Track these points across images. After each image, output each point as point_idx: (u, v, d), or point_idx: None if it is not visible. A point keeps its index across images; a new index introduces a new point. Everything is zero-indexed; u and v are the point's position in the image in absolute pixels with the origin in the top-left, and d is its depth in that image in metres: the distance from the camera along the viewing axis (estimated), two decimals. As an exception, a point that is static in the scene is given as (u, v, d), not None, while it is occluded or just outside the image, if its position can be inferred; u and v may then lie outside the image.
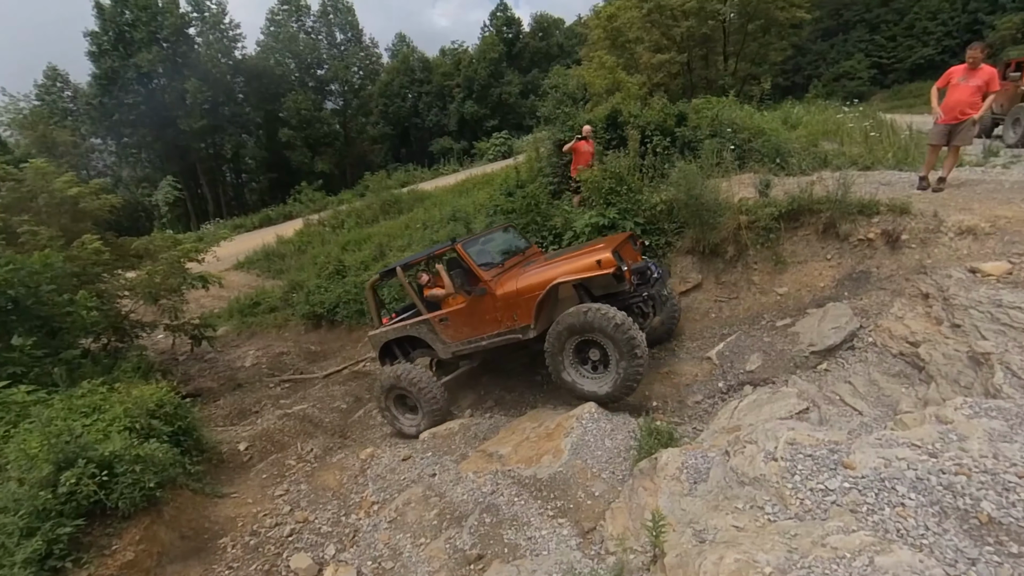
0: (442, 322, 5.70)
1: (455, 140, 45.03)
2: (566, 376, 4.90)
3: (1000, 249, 4.61)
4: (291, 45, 47.95)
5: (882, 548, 1.84)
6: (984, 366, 3.45)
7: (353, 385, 9.89)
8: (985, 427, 2.40)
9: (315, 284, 14.27)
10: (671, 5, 18.46)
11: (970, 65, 5.56)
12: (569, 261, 5.01)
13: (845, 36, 38.54)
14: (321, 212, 25.72)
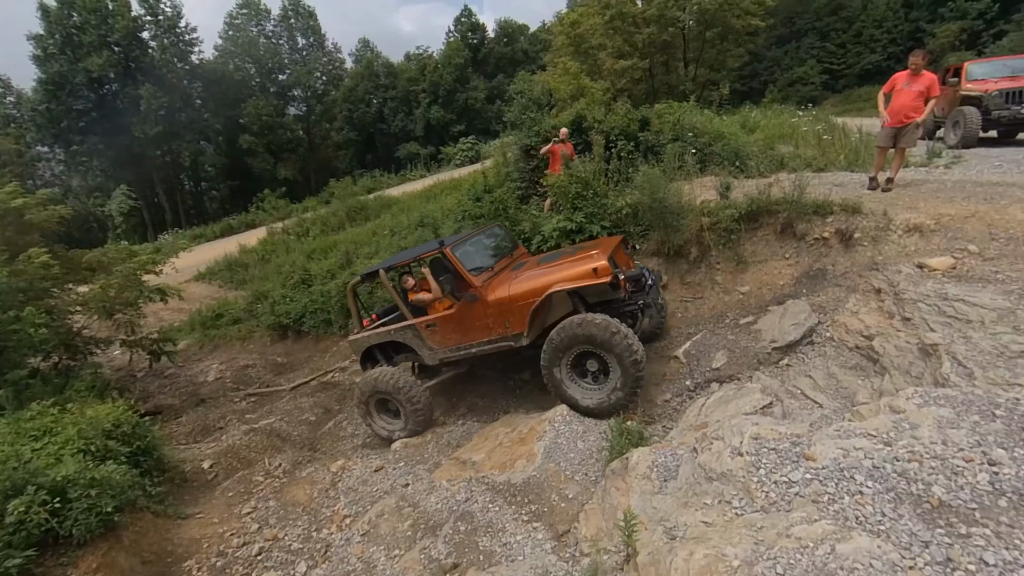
0: (429, 328, 5.49)
1: (422, 145, 44.82)
2: (563, 388, 4.72)
3: (944, 245, 4.86)
4: (251, 50, 46.89)
5: (842, 536, 1.91)
6: (933, 357, 3.63)
7: (322, 396, 9.69)
8: (934, 415, 2.52)
9: (280, 294, 13.96)
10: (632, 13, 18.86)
11: (912, 71, 5.87)
12: (564, 267, 4.85)
13: (798, 43, 40.07)
14: (285, 220, 25.23)
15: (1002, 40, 25.28)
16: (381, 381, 5.71)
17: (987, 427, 2.39)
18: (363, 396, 5.99)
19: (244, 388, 11.01)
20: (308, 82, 49.22)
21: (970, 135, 9.61)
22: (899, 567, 1.77)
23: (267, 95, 46.94)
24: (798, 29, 40.09)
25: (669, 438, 3.44)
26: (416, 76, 48.21)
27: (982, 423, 2.42)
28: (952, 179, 6.88)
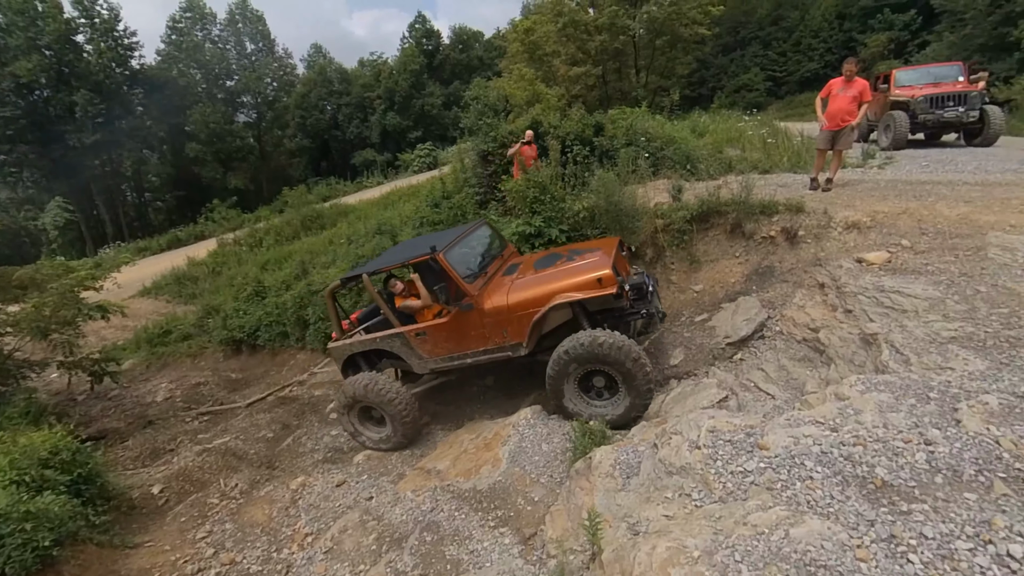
0: (419, 336, 5.14)
1: (378, 152, 44.23)
2: (569, 405, 4.51)
3: (880, 240, 5.15)
4: (196, 55, 45.14)
5: (795, 520, 1.99)
6: (873, 345, 3.83)
7: (280, 412, 9.39)
8: (876, 400, 2.66)
9: (233, 307, 13.47)
10: (584, 21, 19.24)
11: (846, 78, 6.22)
12: (565, 275, 4.64)
13: (742, 52, 41.83)
14: (236, 230, 24.42)
15: (925, 50, 27.14)
16: (364, 389, 5.33)
17: (923, 409, 2.54)
18: (345, 405, 5.64)
19: (196, 407, 10.56)
20: (258, 88, 47.74)
21: (900, 137, 10.26)
22: (848, 546, 1.86)
23: (214, 102, 45.27)
24: (742, 38, 41.86)
25: (630, 435, 3.49)
26: (371, 82, 47.61)
27: (918, 406, 2.57)
28: (885, 179, 7.32)
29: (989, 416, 2.38)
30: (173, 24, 46.20)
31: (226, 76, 47.69)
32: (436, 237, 5.65)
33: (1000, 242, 4.53)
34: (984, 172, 7.47)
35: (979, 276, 4.19)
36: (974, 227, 4.95)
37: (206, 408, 10.49)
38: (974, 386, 2.73)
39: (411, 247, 5.62)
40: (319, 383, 9.96)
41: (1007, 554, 1.74)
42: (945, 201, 5.68)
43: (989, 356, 3.17)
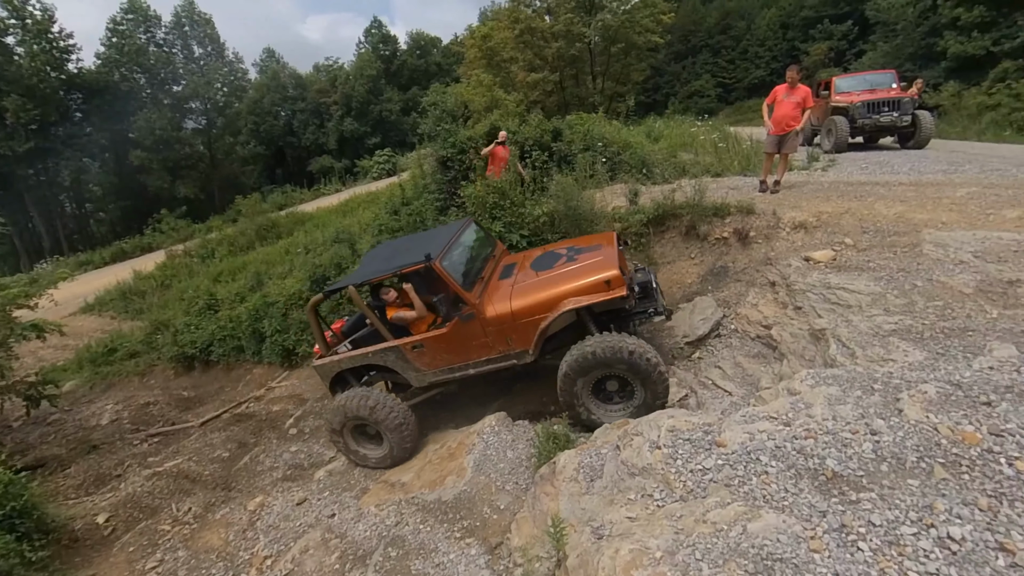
0: (416, 349, 4.82)
1: (336, 159, 43.37)
2: (585, 414, 4.35)
3: (825, 239, 5.39)
4: (139, 58, 43.07)
5: (752, 515, 2.03)
6: (821, 340, 3.98)
7: (236, 430, 9.04)
8: (825, 394, 2.76)
9: (183, 322, 12.94)
10: (540, 28, 19.46)
11: (790, 84, 6.50)
12: (570, 277, 4.46)
13: (694, 59, 43.25)
14: (187, 241, 23.55)
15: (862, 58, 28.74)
16: (358, 406, 4.98)
17: (868, 400, 2.65)
18: (337, 424, 5.24)
19: (145, 428, 10.06)
20: (207, 93, 45.94)
21: (841, 141, 10.80)
22: (802, 538, 1.91)
23: (160, 107, 43.27)
24: (693, 46, 43.27)
25: (594, 438, 3.51)
26: (326, 88, 46.71)
27: (864, 397, 2.68)
28: (828, 180, 7.67)
29: (928, 404, 2.49)
30: (114, 26, 43.95)
31: (173, 81, 45.70)
32: (426, 240, 5.31)
33: (933, 239, 4.80)
34: (917, 173, 7.94)
35: (915, 271, 4.43)
36: (910, 225, 5.24)
37: (156, 429, 10.01)
38: (914, 376, 2.87)
39: (401, 254, 5.20)
40: (277, 398, 9.64)
41: (948, 536, 1.82)
42: (883, 201, 5.99)
43: (927, 347, 3.35)
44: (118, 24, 43.88)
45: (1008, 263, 4.31)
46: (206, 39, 47.70)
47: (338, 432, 5.32)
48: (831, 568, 1.77)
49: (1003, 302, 3.82)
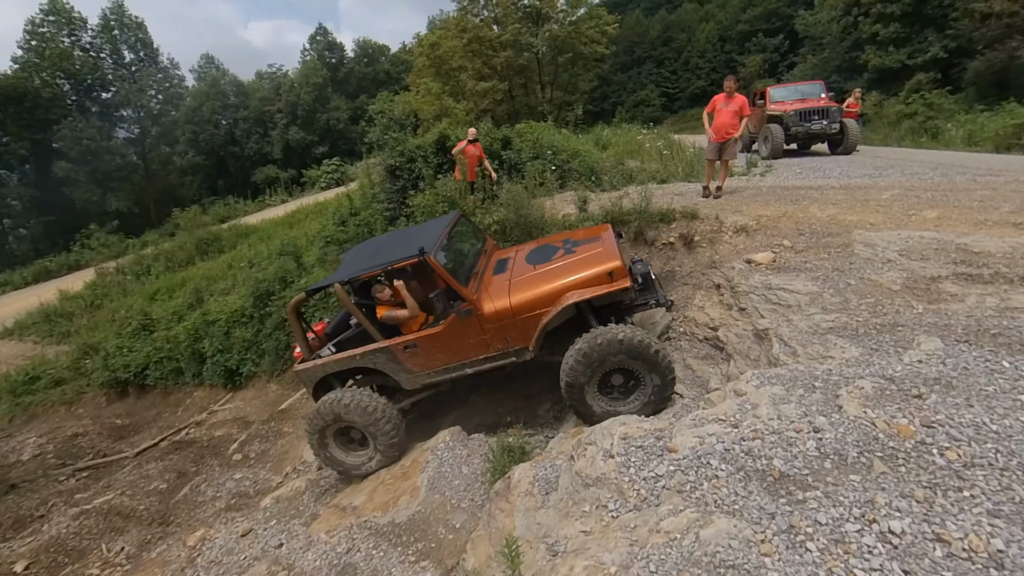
0: (408, 350, 4.51)
1: (281, 168, 41.95)
2: (598, 410, 4.09)
3: (765, 242, 5.58)
4: (63, 63, 40.24)
5: (704, 522, 2.01)
6: (765, 340, 4.09)
7: (175, 459, 8.50)
8: (770, 393, 2.81)
9: (115, 345, 12.11)
10: (488, 37, 19.55)
11: (727, 94, 6.74)
12: (571, 269, 4.30)
13: (639, 69, 44.65)
14: (119, 258, 22.20)
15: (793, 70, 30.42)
16: (347, 408, 4.64)
17: (810, 398, 2.71)
18: (319, 427, 4.82)
19: (72, 462, 9.36)
20: (140, 101, 43.45)
21: (776, 148, 11.33)
22: (752, 542, 1.90)
23: (87, 115, 40.61)
24: (638, 57, 44.70)
25: (549, 448, 3.45)
26: (270, 96, 45.24)
27: (806, 395, 2.75)
28: (767, 185, 8.00)
29: (865, 400, 2.58)
30: (33, 28, 40.92)
31: (101, 87, 42.99)
32: (414, 235, 4.99)
33: (863, 239, 5.06)
34: (847, 177, 8.41)
35: (848, 270, 4.65)
36: (842, 226, 5.50)
37: (85, 463, 9.33)
38: (851, 372, 2.97)
39: (390, 249, 4.90)
40: (220, 422, 9.14)
41: (889, 531, 1.86)
42: (817, 204, 6.29)
43: (861, 343, 3.49)
44: (37, 26, 40.90)
45: (930, 260, 4.58)
46: (138, 44, 45.10)
47: (320, 436, 4.88)
48: (781, 572, 1.77)
49: (927, 297, 4.05)
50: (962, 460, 2.11)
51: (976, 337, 3.28)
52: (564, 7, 20.90)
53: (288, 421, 7.80)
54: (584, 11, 21.49)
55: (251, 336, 9.35)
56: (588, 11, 21.69)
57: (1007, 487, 1.95)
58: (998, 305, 3.70)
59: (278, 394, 8.89)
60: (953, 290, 4.07)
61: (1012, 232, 5.09)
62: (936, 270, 4.38)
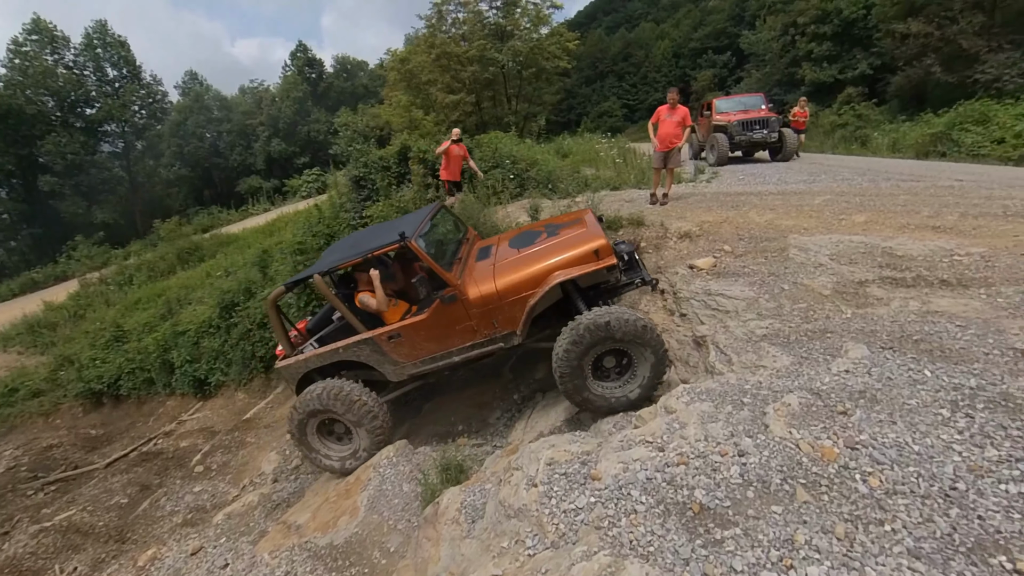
0: (392, 340, 4.08)
1: (264, 179, 40.73)
2: (595, 397, 3.71)
3: (707, 247, 5.36)
4: (46, 80, 38.26)
5: (617, 567, 1.73)
6: (703, 347, 3.86)
7: (140, 471, 7.95)
8: (699, 411, 2.55)
9: (88, 356, 11.38)
10: (456, 52, 19.13)
11: (671, 105, 6.52)
12: (556, 250, 3.96)
13: (602, 83, 44.70)
14: (103, 268, 21.22)
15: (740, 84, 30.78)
16: (332, 398, 4.18)
17: (738, 416, 2.46)
18: (300, 419, 4.36)
19: (45, 475, 8.71)
20: (123, 116, 41.63)
21: (722, 155, 11.23)
22: (666, 592, 1.62)
23: (71, 131, 38.72)
24: (600, 72, 44.76)
25: (484, 467, 3.14)
26: (252, 109, 43.86)
27: (734, 413, 2.49)
28: (711, 192, 7.83)
29: (791, 418, 2.33)
30: (16, 48, 38.79)
31: (85, 103, 41.04)
32: (397, 225, 4.54)
33: (798, 243, 4.87)
34: (784, 183, 8.29)
35: (783, 275, 4.44)
36: (778, 231, 5.32)
37: (56, 475, 8.69)
38: (780, 385, 2.73)
39: (369, 237, 4.46)
40: (187, 432, 8.58)
41: None
42: (756, 209, 6.11)
43: (792, 351, 3.27)
44: (20, 45, 38.85)
45: (858, 264, 4.42)
46: (121, 61, 43.20)
47: (301, 429, 4.40)
48: (692, 631, 1.49)
49: (855, 302, 3.87)
50: (884, 487, 1.87)
51: (900, 344, 3.09)
52: (527, 25, 20.62)
53: (251, 431, 7.33)
54: (547, 29, 21.26)
55: (219, 346, 8.82)
56: (551, 29, 21.45)
57: (928, 519, 1.72)
58: (920, 309, 3.53)
59: (245, 403, 8.39)
60: (879, 294, 3.90)
61: (931, 235, 4.97)
62: (863, 274, 4.21)
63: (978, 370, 2.72)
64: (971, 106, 12.61)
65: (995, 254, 4.23)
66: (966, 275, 3.96)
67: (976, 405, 2.39)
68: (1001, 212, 5.30)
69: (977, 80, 15.74)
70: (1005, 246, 4.40)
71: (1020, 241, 4.46)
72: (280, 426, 6.93)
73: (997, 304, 3.43)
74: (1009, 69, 15.18)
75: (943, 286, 3.85)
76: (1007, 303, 3.42)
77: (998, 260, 4.12)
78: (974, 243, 4.54)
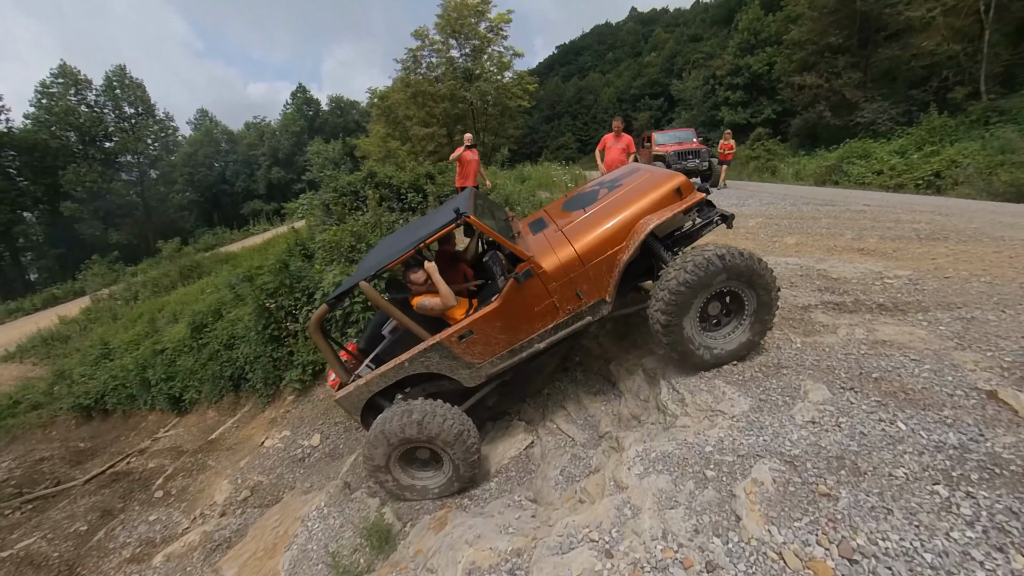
0: (463, 339, 2.94)
1: (265, 202, 38.55)
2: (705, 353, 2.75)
3: (652, 270, 4.65)
4: (69, 118, 35.44)
5: None
6: (654, 381, 3.10)
7: (106, 493, 6.70)
8: (654, 489, 1.76)
9: (78, 372, 10.02)
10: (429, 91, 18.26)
11: (615, 133, 5.85)
12: (633, 198, 2.94)
13: (559, 121, 44.56)
14: (112, 285, 19.61)
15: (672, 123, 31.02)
16: (402, 424, 2.92)
17: (702, 498, 1.68)
18: (381, 458, 3.03)
19: (30, 490, 7.37)
20: (138, 148, 38.88)
21: (661, 182, 10.71)
22: None
23: (91, 162, 36.01)
24: (558, 112, 44.65)
25: (408, 541, 2.27)
26: (255, 141, 41.64)
27: (697, 493, 1.72)
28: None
29: (767, 506, 1.57)
30: (43, 90, 35.71)
31: (103, 138, 38.12)
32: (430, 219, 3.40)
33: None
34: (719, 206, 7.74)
35: (727, 300, 3.76)
36: (717, 254, 4.66)
37: (38, 492, 7.39)
38: (745, 445, 1.98)
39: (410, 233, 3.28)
40: (159, 451, 7.35)
41: None
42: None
43: (749, 391, 2.54)
44: (47, 87, 35.97)
45: (798, 287, 3.77)
46: (137, 101, 40.28)
47: (383, 469, 3.08)
48: None
49: (803, 329, 3.19)
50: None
51: (860, 383, 2.39)
52: (492, 69, 19.93)
53: (215, 452, 6.20)
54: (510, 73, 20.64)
55: (191, 365, 7.63)
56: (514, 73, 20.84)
57: None
58: (868, 338, 2.86)
59: (215, 421, 7.22)
60: (824, 320, 3.23)
61: (859, 257, 4.41)
62: (806, 298, 3.55)
63: (951, 419, 2.05)
64: (855, 144, 12.97)
65: (920, 277, 3.67)
66: (900, 299, 3.36)
67: (970, 475, 1.69)
68: (913, 235, 4.80)
69: (858, 123, 16.09)
70: (927, 268, 3.85)
71: (938, 264, 3.92)
72: (240, 448, 5.87)
73: (941, 333, 2.80)
74: (881, 115, 15.62)
75: (882, 311, 3.21)
76: (950, 331, 2.80)
77: (925, 283, 3.55)
78: (899, 265, 3.98)
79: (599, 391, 3.58)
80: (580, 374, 3.85)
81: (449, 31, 18.72)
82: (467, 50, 19.62)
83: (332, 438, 4.79)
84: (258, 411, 6.66)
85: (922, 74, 15.01)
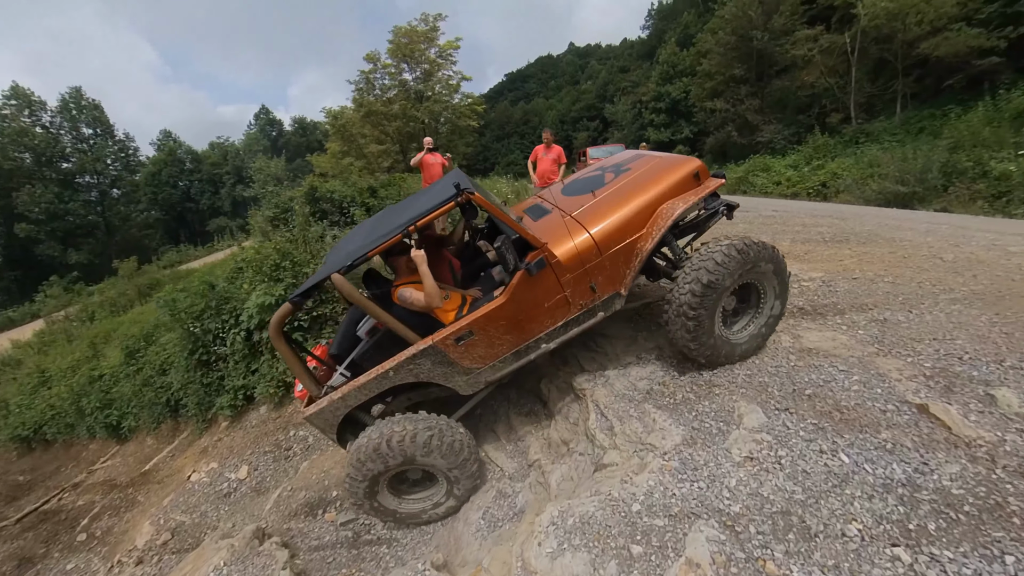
0: (462, 341, 2.19)
1: (231, 219, 35.33)
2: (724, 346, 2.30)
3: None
4: (23, 139, 30.60)
5: None
6: (582, 402, 2.59)
7: (28, 538, 5.43)
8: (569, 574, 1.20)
9: (15, 402, 8.38)
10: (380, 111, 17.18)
11: (546, 145, 5.36)
12: (650, 182, 2.40)
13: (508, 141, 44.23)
14: (67, 307, 17.13)
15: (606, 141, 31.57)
16: (388, 446, 2.18)
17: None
18: (366, 487, 2.29)
19: (-40, 532, 5.84)
20: (96, 168, 34.31)
21: (597, 192, 10.44)
22: None
23: (47, 183, 31.35)
24: (507, 132, 44.30)
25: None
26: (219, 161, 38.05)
27: (622, 589, 1.17)
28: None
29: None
30: None
31: (60, 159, 33.27)
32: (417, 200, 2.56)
33: (664, 274, 3.80)
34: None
35: (655, 307, 3.33)
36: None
37: None
38: (678, 498, 1.48)
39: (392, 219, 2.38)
40: (93, 484, 6.07)
41: None
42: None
43: (681, 418, 2.06)
44: (0, 109, 30.86)
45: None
46: (95, 122, 35.49)
47: (369, 496, 2.32)
48: None
49: (728, 337, 2.80)
50: None
51: (794, 402, 1.98)
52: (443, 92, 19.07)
53: (146, 486, 5.10)
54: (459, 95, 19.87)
55: (128, 391, 6.38)
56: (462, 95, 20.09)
57: None
58: (794, 346, 2.49)
59: (153, 449, 6.04)
60: (747, 326, 2.86)
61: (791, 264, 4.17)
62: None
63: (890, 443, 1.66)
64: (757, 159, 13.61)
65: (832, 278, 3.41)
66: (817, 301, 3.06)
67: (927, 526, 1.27)
68: (819, 238, 4.64)
69: (759, 142, 16.88)
70: (836, 270, 3.62)
71: (846, 265, 3.71)
72: (170, 482, 4.83)
73: (860, 337, 2.48)
74: (777, 135, 16.51)
75: (803, 315, 2.88)
76: (868, 336, 2.48)
77: (837, 284, 3.28)
78: (811, 268, 3.72)
79: (530, 411, 3.02)
80: (514, 392, 3.28)
81: (400, 55, 17.67)
82: (418, 73, 18.63)
83: (260, 469, 3.94)
84: (195, 438, 5.60)
85: (806, 102, 15.95)
